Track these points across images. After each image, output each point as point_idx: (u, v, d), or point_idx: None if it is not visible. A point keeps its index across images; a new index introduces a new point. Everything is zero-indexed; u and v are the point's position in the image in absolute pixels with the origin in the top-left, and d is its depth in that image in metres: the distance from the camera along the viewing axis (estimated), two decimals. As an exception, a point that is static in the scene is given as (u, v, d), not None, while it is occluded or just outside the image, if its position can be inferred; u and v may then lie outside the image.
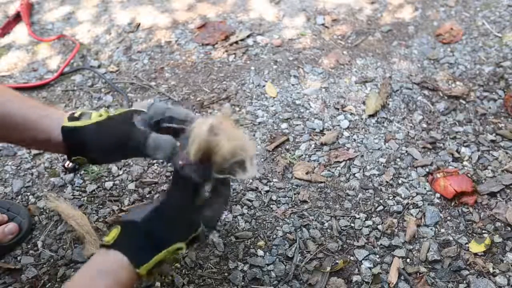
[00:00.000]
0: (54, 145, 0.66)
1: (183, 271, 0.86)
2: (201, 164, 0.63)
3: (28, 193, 0.99)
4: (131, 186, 0.99)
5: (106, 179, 1.01)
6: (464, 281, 0.84)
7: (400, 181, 1.00)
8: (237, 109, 1.16)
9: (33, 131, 0.66)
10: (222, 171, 0.63)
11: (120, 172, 1.02)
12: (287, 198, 0.97)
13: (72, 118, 0.66)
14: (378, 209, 0.95)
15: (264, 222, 0.93)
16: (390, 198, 0.97)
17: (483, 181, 0.99)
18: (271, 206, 0.96)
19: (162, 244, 0.60)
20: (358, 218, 0.94)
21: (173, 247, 0.60)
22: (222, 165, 0.63)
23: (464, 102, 1.17)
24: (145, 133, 0.65)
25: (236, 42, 1.36)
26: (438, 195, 0.97)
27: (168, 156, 0.64)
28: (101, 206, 0.96)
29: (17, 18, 1.45)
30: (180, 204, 0.64)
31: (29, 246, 0.90)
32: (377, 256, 0.88)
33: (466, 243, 0.89)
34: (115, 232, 0.60)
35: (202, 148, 0.62)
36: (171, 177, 1.01)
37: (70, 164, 1.01)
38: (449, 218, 0.94)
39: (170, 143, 0.64)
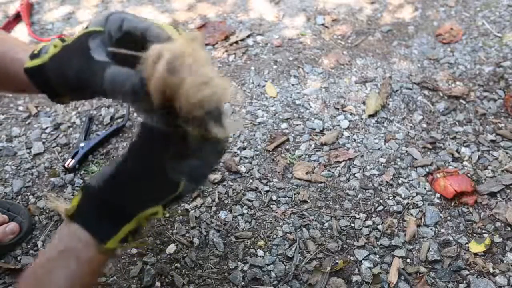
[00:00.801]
0: (32, 88, 0.58)
1: (183, 271, 0.86)
2: (164, 109, 0.48)
3: (28, 193, 0.99)
4: (131, 186, 0.99)
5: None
6: (464, 281, 0.84)
7: (400, 181, 1.00)
8: (237, 109, 1.16)
9: (9, 77, 0.59)
10: (189, 122, 0.48)
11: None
12: (287, 198, 0.97)
13: (32, 56, 0.57)
14: (378, 209, 0.95)
15: (264, 222, 0.93)
16: (390, 198, 0.97)
17: (483, 181, 0.99)
18: (271, 206, 0.96)
19: (129, 213, 0.50)
20: (358, 218, 0.94)
21: (145, 213, 0.50)
22: (188, 114, 0.47)
23: (464, 102, 1.17)
24: (103, 66, 0.51)
25: (236, 42, 1.36)
26: (438, 195, 0.97)
27: (129, 95, 0.49)
28: (101, 206, 0.96)
29: (17, 18, 1.45)
30: (146, 161, 0.50)
31: (29, 246, 0.90)
32: (377, 256, 0.88)
33: (466, 243, 0.89)
34: (77, 199, 0.51)
35: (160, 88, 0.47)
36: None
37: (70, 163, 1.02)
38: (449, 218, 0.94)
39: (128, 79, 0.49)
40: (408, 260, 0.87)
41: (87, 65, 0.52)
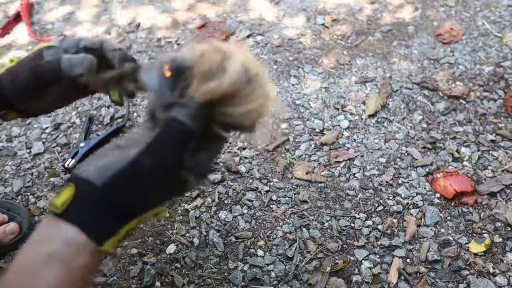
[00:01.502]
0: None
1: (183, 271, 0.86)
2: (204, 108, 0.46)
3: (28, 193, 0.99)
4: (131, 186, 0.99)
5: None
6: (464, 281, 0.84)
7: (400, 181, 1.00)
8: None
9: None
10: (224, 125, 0.47)
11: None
12: (287, 198, 0.97)
13: None
14: (378, 209, 0.95)
15: (264, 222, 0.93)
16: (390, 198, 0.97)
17: (483, 181, 0.99)
18: (271, 206, 0.96)
19: (133, 212, 0.46)
20: (358, 218, 0.94)
21: (149, 213, 0.47)
22: (229, 118, 0.46)
23: (464, 102, 1.17)
24: (56, 59, 0.60)
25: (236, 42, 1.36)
26: (438, 195, 0.97)
27: (87, 69, 0.58)
28: (101, 206, 0.96)
29: (17, 18, 1.45)
30: (166, 158, 0.46)
31: (29, 246, 0.90)
32: (377, 256, 0.88)
33: (466, 243, 0.89)
34: (67, 194, 0.45)
35: (226, 90, 0.44)
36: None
37: (70, 163, 1.02)
38: (449, 218, 0.94)
39: (86, 58, 0.59)
40: (408, 260, 0.87)
41: (41, 61, 0.60)
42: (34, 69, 0.60)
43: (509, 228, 0.91)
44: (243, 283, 0.84)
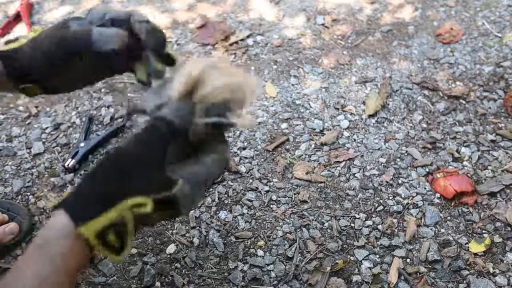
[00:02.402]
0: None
1: (183, 271, 0.86)
2: (182, 102, 0.50)
3: (28, 193, 0.99)
4: (131, 186, 0.99)
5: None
6: (464, 281, 0.84)
7: (400, 181, 1.00)
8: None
9: None
10: (209, 112, 0.49)
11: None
12: (287, 198, 0.97)
13: (7, 41, 0.59)
14: (378, 209, 0.95)
15: (264, 222, 0.93)
16: (390, 198, 0.97)
17: (483, 181, 0.99)
18: (271, 206, 0.96)
19: (114, 197, 0.45)
20: (358, 218, 0.94)
21: (130, 202, 0.45)
22: (208, 103, 0.49)
23: (464, 102, 1.17)
24: (85, 31, 0.56)
25: (236, 42, 1.36)
26: (438, 195, 0.97)
27: (120, 45, 0.56)
28: (101, 206, 0.96)
29: (17, 18, 1.45)
30: (149, 149, 0.48)
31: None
32: (377, 256, 0.88)
33: (466, 243, 0.89)
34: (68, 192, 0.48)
35: (190, 82, 0.50)
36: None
37: (70, 163, 1.01)
38: (449, 218, 0.94)
39: (119, 32, 0.56)
40: (408, 260, 0.87)
41: (69, 31, 0.56)
42: (61, 39, 0.57)
43: (509, 228, 0.91)
44: (243, 283, 0.84)
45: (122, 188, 0.45)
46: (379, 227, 0.92)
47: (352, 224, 0.93)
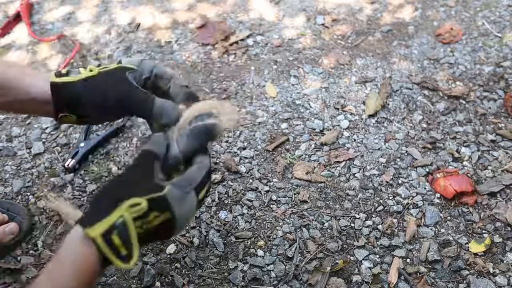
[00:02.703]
0: (39, 103, 0.63)
1: (183, 271, 0.86)
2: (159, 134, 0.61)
3: (28, 193, 0.99)
4: (131, 186, 0.99)
5: (106, 179, 1.01)
6: (464, 281, 0.84)
7: (400, 181, 1.00)
8: (237, 109, 1.16)
9: (14, 90, 0.62)
10: (191, 122, 0.59)
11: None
12: (287, 198, 0.97)
13: (59, 74, 0.63)
14: (378, 209, 0.95)
15: (264, 222, 0.93)
16: (390, 198, 0.97)
17: (483, 181, 0.99)
18: (271, 206, 0.96)
19: (113, 202, 0.50)
20: (358, 218, 0.94)
21: (127, 202, 0.50)
22: (191, 119, 0.59)
23: (464, 102, 1.17)
24: (150, 97, 0.63)
25: (236, 42, 1.36)
26: (438, 195, 0.97)
27: (173, 121, 0.62)
28: (101, 206, 0.96)
29: (17, 18, 1.45)
30: (141, 164, 0.57)
31: (29, 246, 0.90)
32: (377, 256, 0.88)
33: (466, 243, 0.89)
34: None
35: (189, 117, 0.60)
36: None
37: (70, 163, 1.02)
38: (449, 218, 0.94)
39: (176, 108, 0.63)
40: (408, 260, 0.87)
41: (133, 92, 0.63)
42: (125, 99, 0.63)
43: (509, 228, 0.91)
44: (243, 283, 0.84)
45: (119, 195, 0.51)
46: (379, 227, 0.92)
47: (352, 224, 0.93)
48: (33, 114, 1.00)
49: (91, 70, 0.63)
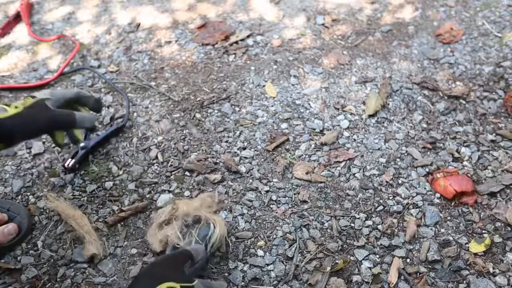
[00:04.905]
0: None
1: (183, 271, 0.86)
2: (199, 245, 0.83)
3: (28, 193, 0.99)
4: (131, 186, 0.99)
5: (106, 179, 1.01)
6: (464, 281, 0.84)
7: (400, 181, 1.00)
8: (237, 109, 1.16)
9: None
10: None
11: (120, 172, 1.02)
12: (287, 198, 0.97)
13: None
14: (378, 209, 0.95)
15: (264, 222, 0.93)
16: (390, 198, 0.97)
17: (483, 181, 0.99)
18: (271, 206, 0.96)
19: (155, 281, 0.64)
20: (358, 218, 0.94)
21: (166, 284, 0.63)
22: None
23: (464, 102, 1.17)
24: (71, 112, 0.85)
25: (236, 42, 1.36)
26: (438, 195, 0.97)
27: (93, 124, 0.89)
28: (101, 206, 0.96)
29: (17, 18, 1.45)
30: (170, 263, 0.73)
31: (29, 246, 0.90)
32: (377, 256, 0.88)
33: (466, 243, 0.89)
34: None
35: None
36: (171, 177, 1.01)
37: (70, 163, 1.01)
38: (449, 218, 0.94)
39: (94, 116, 0.92)
40: (408, 260, 0.87)
41: (56, 112, 0.82)
42: (52, 119, 0.81)
43: (509, 228, 0.91)
44: (243, 283, 0.84)
45: (162, 276, 0.65)
46: (379, 227, 0.92)
47: (352, 224, 0.93)
48: None
49: (16, 107, 0.77)
